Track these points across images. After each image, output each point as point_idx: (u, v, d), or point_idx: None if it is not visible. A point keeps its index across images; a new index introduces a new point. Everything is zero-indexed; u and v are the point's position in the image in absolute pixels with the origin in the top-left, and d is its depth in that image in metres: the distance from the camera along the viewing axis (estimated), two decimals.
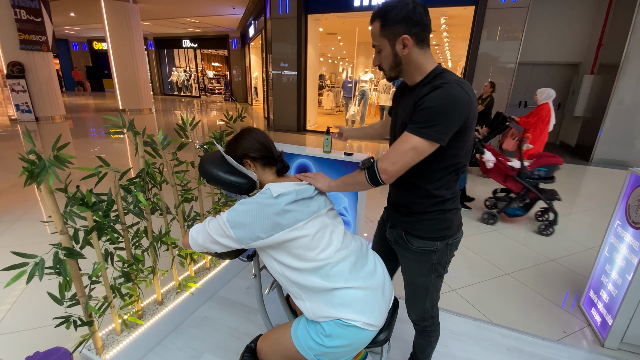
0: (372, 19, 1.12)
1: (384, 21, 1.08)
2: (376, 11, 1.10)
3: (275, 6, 8.08)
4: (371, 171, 1.09)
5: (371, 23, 1.13)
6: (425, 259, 1.25)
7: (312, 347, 1.04)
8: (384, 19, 1.08)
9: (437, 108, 1.00)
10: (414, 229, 1.24)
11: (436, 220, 1.20)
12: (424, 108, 1.02)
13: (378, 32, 1.11)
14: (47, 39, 8.45)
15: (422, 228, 1.22)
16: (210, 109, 13.91)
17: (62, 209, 1.26)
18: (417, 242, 1.23)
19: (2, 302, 2.06)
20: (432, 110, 1.00)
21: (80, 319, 1.39)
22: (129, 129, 1.50)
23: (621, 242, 1.89)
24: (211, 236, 1.06)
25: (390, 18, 1.07)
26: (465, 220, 3.55)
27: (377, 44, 1.13)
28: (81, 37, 19.72)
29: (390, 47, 1.11)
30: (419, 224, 1.22)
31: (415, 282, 1.31)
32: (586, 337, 1.98)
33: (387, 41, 1.10)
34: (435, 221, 1.20)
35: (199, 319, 1.96)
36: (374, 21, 1.11)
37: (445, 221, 1.21)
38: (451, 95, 1.00)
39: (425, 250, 1.23)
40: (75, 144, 6.59)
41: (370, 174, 1.09)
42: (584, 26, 7.13)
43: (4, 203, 3.58)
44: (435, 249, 1.22)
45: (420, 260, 1.26)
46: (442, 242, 1.22)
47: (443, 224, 1.21)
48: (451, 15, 8.00)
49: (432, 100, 1.01)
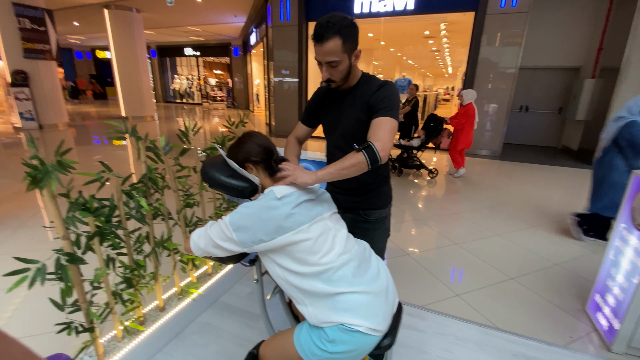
0: (326, 36, 1.18)
1: (345, 37, 1.19)
2: (330, 29, 1.17)
3: (277, 14, 8.16)
4: (370, 151, 1.13)
5: (325, 40, 1.18)
6: (381, 225, 1.53)
7: (315, 352, 1.02)
8: (345, 35, 1.19)
9: (394, 97, 1.26)
10: (370, 204, 1.48)
11: (384, 191, 1.50)
12: (383, 98, 1.24)
13: (340, 48, 1.20)
14: (51, 47, 8.55)
15: (376, 201, 1.49)
16: (212, 116, 13.98)
17: (64, 214, 1.26)
18: (374, 213, 1.49)
19: (4, 309, 2.05)
20: (392, 99, 1.25)
21: (81, 325, 1.38)
22: (131, 135, 1.50)
23: (626, 245, 1.87)
24: (213, 240, 1.06)
25: (350, 34, 1.20)
26: (465, 224, 3.53)
27: (338, 59, 1.23)
28: (85, 46, 19.96)
29: (348, 60, 1.25)
30: (373, 199, 1.48)
31: (375, 249, 1.34)
32: (593, 342, 1.95)
33: (347, 55, 1.24)
34: (383, 192, 1.50)
35: (201, 326, 1.94)
36: (331, 38, 1.18)
37: (389, 190, 1.54)
38: (395, 88, 1.30)
39: (380, 218, 1.51)
40: (78, 151, 6.63)
41: (370, 154, 1.13)
42: (584, 30, 7.16)
43: (7, 210, 3.59)
44: (387, 214, 1.53)
45: (378, 228, 1.52)
46: (389, 207, 1.54)
47: (389, 192, 1.53)
48: (451, 21, 8.05)
49: (387, 92, 1.26)
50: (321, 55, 1.23)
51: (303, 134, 1.59)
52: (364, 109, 1.31)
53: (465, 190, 4.81)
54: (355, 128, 1.35)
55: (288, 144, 1.56)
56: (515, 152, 7.58)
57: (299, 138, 1.58)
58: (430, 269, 2.67)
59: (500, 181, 5.37)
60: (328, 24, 1.16)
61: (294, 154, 1.51)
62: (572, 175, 5.81)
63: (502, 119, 6.91)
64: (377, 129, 1.20)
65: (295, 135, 1.58)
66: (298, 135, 1.58)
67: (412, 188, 4.90)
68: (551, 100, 8.07)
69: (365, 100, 1.30)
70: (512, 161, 6.73)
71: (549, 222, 3.68)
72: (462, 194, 4.67)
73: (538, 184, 5.21)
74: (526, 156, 7.20)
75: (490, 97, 6.88)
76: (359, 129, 1.33)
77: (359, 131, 1.32)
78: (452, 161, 5.49)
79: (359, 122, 1.33)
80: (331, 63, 1.23)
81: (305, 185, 1.12)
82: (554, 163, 6.64)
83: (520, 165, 6.39)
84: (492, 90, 6.83)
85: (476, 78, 6.88)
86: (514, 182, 5.30)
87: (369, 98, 1.28)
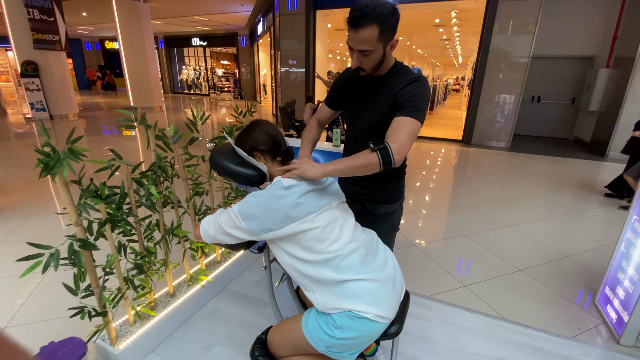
0: (362, 23, 1.07)
1: (383, 26, 1.09)
2: (369, 15, 1.06)
3: (284, 2, 8.07)
4: (385, 153, 1.07)
5: (361, 27, 1.08)
6: (387, 220, 1.49)
7: (323, 338, 1.04)
8: (384, 24, 1.08)
9: (423, 96, 1.17)
10: (376, 197, 1.45)
11: (394, 186, 1.45)
12: (411, 96, 1.15)
13: (375, 37, 1.10)
14: (60, 38, 8.59)
15: (384, 196, 1.45)
16: (219, 107, 14.00)
17: (76, 201, 1.28)
18: (380, 207, 1.46)
19: (18, 295, 2.11)
20: (421, 99, 1.16)
21: (94, 309, 1.42)
22: (140, 123, 1.51)
23: (638, 237, 1.84)
24: (222, 228, 1.07)
25: (388, 24, 1.10)
26: (473, 215, 3.51)
27: (371, 49, 1.13)
28: (93, 37, 20.03)
29: (383, 50, 1.16)
30: (381, 192, 1.44)
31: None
32: (601, 334, 1.94)
33: (382, 45, 1.14)
34: (393, 188, 1.45)
35: (210, 312, 1.98)
36: (367, 26, 1.07)
37: (400, 186, 1.48)
38: (427, 86, 1.20)
39: (387, 213, 1.47)
40: (88, 140, 6.71)
41: (384, 156, 1.07)
42: (598, 19, 6.94)
43: (20, 198, 3.67)
44: (395, 210, 1.48)
45: (384, 223, 1.48)
46: (398, 203, 1.49)
47: (399, 188, 1.48)
48: (462, 9, 7.88)
49: (418, 89, 1.17)
50: (354, 42, 1.13)
51: (325, 116, 1.53)
52: (389, 102, 1.22)
53: (474, 182, 4.76)
54: (377, 124, 1.26)
55: (308, 126, 1.51)
56: (526, 143, 7.47)
57: (320, 120, 1.53)
58: (438, 259, 2.67)
59: (510, 173, 5.30)
60: (367, 9, 1.05)
61: (310, 138, 1.47)
62: (584, 167, 5.71)
63: (513, 109, 6.80)
64: (398, 129, 1.12)
65: (317, 117, 1.53)
66: (320, 117, 1.53)
67: (419, 179, 4.87)
68: (564, 91, 7.89)
69: (392, 93, 1.20)
70: (522, 152, 6.64)
71: (559, 214, 3.64)
72: (470, 185, 4.63)
73: (549, 176, 5.13)
74: (537, 148, 7.09)
75: (502, 87, 6.75)
76: (381, 125, 1.24)
77: (381, 127, 1.22)
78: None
79: (381, 117, 1.24)
80: (364, 52, 1.14)
81: (312, 179, 1.11)
82: (565, 155, 6.53)
83: (531, 157, 6.29)
84: (503, 80, 6.70)
85: (487, 67, 6.75)
86: (524, 174, 5.23)
87: (397, 92, 1.19)
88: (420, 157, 6.25)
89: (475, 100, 7.08)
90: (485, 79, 6.84)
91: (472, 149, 6.95)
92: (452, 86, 23.33)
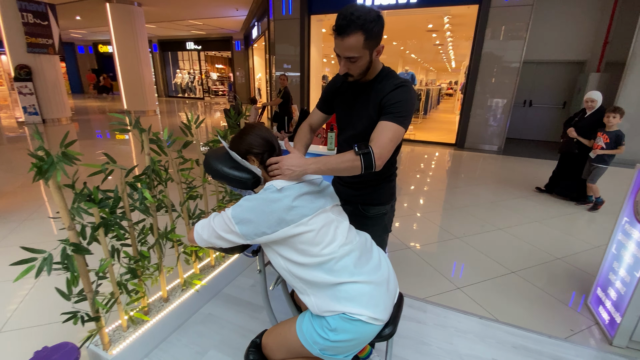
0: (347, 31, 1.10)
1: (368, 33, 1.11)
2: (354, 23, 1.08)
3: (279, 7, 8.11)
4: (368, 157, 1.11)
5: (347, 35, 1.10)
6: (379, 221, 1.51)
7: (317, 341, 1.04)
8: (368, 31, 1.10)
9: (408, 102, 1.20)
10: (368, 199, 1.47)
11: (385, 188, 1.47)
12: (396, 102, 1.19)
13: (361, 44, 1.12)
14: (53, 42, 8.55)
15: (376, 197, 1.47)
16: (214, 111, 13.98)
17: (69, 205, 1.27)
18: (372, 209, 1.48)
19: (11, 300, 2.08)
20: (405, 105, 1.19)
21: (87, 314, 1.40)
22: (134, 127, 1.51)
23: (629, 239, 1.87)
24: (216, 232, 1.07)
25: (373, 31, 1.12)
26: (467, 218, 3.54)
27: (357, 55, 1.15)
28: (87, 40, 19.93)
29: (369, 56, 1.18)
30: (373, 194, 1.46)
31: None
32: (594, 335, 1.96)
33: (368, 52, 1.16)
34: (384, 189, 1.47)
35: (204, 316, 1.97)
36: (352, 33, 1.10)
37: (392, 188, 1.50)
38: (412, 92, 1.23)
39: (379, 214, 1.49)
40: (82, 145, 6.65)
41: (366, 160, 1.11)
42: (589, 24, 7.07)
43: (13, 203, 3.63)
44: (386, 211, 1.50)
45: (376, 224, 1.50)
46: (389, 204, 1.51)
47: (390, 190, 1.49)
48: (454, 15, 7.98)
49: (402, 95, 1.20)
50: (340, 50, 1.16)
51: (317, 121, 1.54)
52: (376, 107, 1.26)
53: (467, 185, 4.80)
54: (367, 128, 1.26)
55: (299, 131, 1.52)
56: (518, 147, 7.55)
57: (312, 125, 1.54)
58: (432, 262, 2.68)
59: (503, 176, 5.35)
60: (352, 17, 1.07)
61: (302, 142, 1.49)
62: None
63: (505, 113, 6.87)
64: (381, 133, 1.16)
65: (309, 122, 1.54)
66: (312, 122, 1.54)
67: (413, 182, 4.90)
68: (555, 95, 8.00)
69: (379, 98, 1.24)
70: (514, 156, 6.71)
71: (551, 216, 3.68)
72: (463, 188, 4.67)
73: (541, 179, 5.19)
74: (529, 151, 7.17)
75: (494, 91, 6.83)
76: (371, 129, 1.24)
77: (372, 132, 1.23)
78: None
79: (371, 121, 1.26)
80: (350, 59, 1.16)
81: (294, 180, 1.11)
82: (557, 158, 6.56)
83: (523, 160, 6.36)
84: (496, 84, 6.78)
85: (479, 72, 6.83)
86: (516, 177, 5.29)
87: (383, 97, 1.22)
88: (414, 161, 6.30)
89: (468, 105, 7.15)
90: (478, 84, 6.92)
91: (465, 153, 7.02)
92: (446, 91, 23.53)
